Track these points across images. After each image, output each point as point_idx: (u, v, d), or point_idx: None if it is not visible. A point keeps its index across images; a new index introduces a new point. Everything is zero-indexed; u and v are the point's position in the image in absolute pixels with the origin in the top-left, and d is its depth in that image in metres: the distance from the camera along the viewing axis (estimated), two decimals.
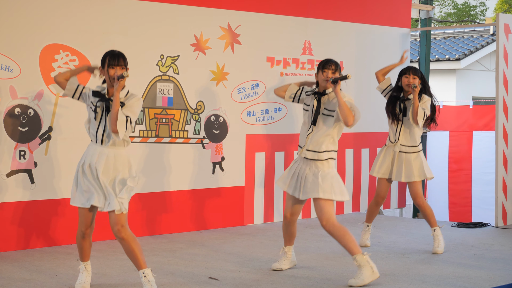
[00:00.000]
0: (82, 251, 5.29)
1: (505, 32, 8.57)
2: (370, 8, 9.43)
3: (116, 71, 5.01)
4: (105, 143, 5.05)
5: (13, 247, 6.62)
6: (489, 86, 17.46)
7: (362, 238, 7.17)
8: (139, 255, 5.02)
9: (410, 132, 6.87)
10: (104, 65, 5.07)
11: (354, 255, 5.52)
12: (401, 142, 6.89)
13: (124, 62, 5.06)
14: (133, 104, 5.04)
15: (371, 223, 7.19)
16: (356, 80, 9.20)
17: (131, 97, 5.07)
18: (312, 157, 5.67)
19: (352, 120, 5.50)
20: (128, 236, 5.00)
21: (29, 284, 5.40)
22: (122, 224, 4.99)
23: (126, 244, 5.01)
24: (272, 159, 8.45)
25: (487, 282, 5.69)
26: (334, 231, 5.55)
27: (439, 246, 6.85)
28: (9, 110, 6.55)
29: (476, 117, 10.68)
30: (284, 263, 6.02)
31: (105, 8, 7.12)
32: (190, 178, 7.81)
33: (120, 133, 4.95)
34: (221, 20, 7.98)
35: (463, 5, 33.28)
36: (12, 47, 6.56)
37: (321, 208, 5.58)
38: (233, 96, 8.13)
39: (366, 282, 5.47)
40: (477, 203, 10.53)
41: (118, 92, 4.95)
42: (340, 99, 5.49)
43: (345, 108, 5.48)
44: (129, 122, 4.98)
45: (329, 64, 5.70)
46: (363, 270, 5.48)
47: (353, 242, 5.53)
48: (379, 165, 6.99)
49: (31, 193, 6.70)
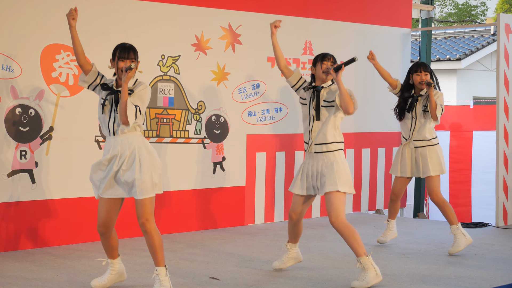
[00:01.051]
0: (104, 249, 5.29)
1: (506, 32, 8.57)
2: (371, 8, 9.43)
3: (126, 64, 5.04)
4: (116, 133, 5.06)
5: (14, 247, 6.62)
6: (489, 86, 17.48)
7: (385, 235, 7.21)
8: (158, 251, 5.03)
9: (424, 127, 6.88)
10: (114, 58, 5.10)
11: (359, 256, 5.46)
12: (415, 137, 6.90)
13: (134, 55, 5.09)
14: (141, 92, 5.06)
15: (393, 219, 7.19)
16: (357, 80, 9.21)
17: (139, 85, 5.09)
18: (321, 150, 5.62)
19: (352, 108, 5.47)
20: (152, 230, 5.02)
21: (29, 284, 5.41)
22: (147, 218, 5.00)
23: (149, 237, 5.03)
24: (273, 159, 8.45)
25: (488, 282, 5.69)
26: (343, 229, 5.47)
27: (454, 245, 6.75)
28: (10, 110, 6.56)
29: (476, 117, 10.69)
30: (285, 261, 5.99)
31: (105, 8, 7.13)
32: (191, 178, 7.81)
33: (131, 123, 4.97)
34: (222, 20, 7.98)
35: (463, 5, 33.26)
36: (13, 47, 6.56)
37: (332, 203, 5.50)
38: (234, 96, 8.13)
39: (370, 284, 5.41)
40: (477, 203, 10.54)
41: (126, 84, 4.97)
42: (341, 86, 5.44)
43: (346, 95, 5.45)
44: (138, 111, 5.00)
45: (328, 57, 5.67)
46: (368, 272, 5.42)
47: (360, 243, 5.46)
48: (401, 164, 7.00)
49: (32, 193, 6.70)
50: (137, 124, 5.09)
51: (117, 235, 5.31)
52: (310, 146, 5.69)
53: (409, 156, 6.97)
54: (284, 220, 8.56)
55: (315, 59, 5.73)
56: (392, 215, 7.20)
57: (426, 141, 6.90)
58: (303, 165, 5.79)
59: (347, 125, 9.10)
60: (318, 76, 5.70)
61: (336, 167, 5.57)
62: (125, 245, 6.77)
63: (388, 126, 9.59)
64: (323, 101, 5.64)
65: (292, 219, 5.86)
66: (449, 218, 6.83)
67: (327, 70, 5.60)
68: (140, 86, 5.09)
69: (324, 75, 5.65)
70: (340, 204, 5.50)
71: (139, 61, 5.14)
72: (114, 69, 5.14)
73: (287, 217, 8.60)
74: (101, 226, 5.15)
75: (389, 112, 7.11)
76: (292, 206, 5.84)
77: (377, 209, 9.59)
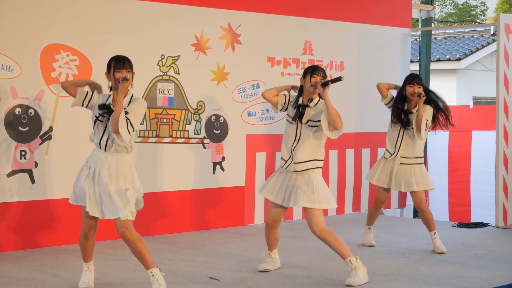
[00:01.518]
0: (85, 252, 5.30)
1: (506, 32, 8.57)
2: (371, 8, 9.43)
3: (122, 74, 5.02)
4: (108, 149, 5.05)
5: (13, 247, 6.62)
6: (489, 86, 17.46)
7: (366, 239, 7.17)
8: (146, 255, 5.03)
9: (412, 143, 6.83)
10: (110, 70, 5.08)
11: (346, 258, 5.56)
12: (401, 154, 6.85)
13: (129, 65, 5.07)
14: (135, 107, 5.04)
15: (372, 226, 7.19)
16: (356, 80, 9.21)
17: (134, 101, 5.08)
18: (301, 169, 5.64)
19: (340, 123, 5.48)
20: (134, 238, 5.00)
21: (30, 284, 5.40)
22: (126, 226, 4.98)
23: (133, 245, 5.01)
24: (273, 159, 8.45)
25: (488, 282, 5.69)
26: (327, 237, 5.57)
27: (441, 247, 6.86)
28: (10, 110, 6.55)
29: (476, 117, 10.68)
30: (270, 264, 6.02)
31: (105, 8, 7.13)
32: (191, 178, 7.81)
33: (123, 136, 4.93)
34: (222, 20, 7.98)
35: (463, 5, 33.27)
36: (13, 47, 6.56)
37: (313, 216, 5.58)
38: (233, 96, 8.13)
39: (363, 282, 5.52)
40: (476, 203, 10.53)
41: (122, 94, 4.96)
42: (328, 102, 5.46)
43: (333, 111, 5.45)
44: (129, 124, 4.97)
45: (319, 71, 5.66)
46: (359, 271, 5.54)
47: (344, 246, 5.59)
48: (378, 173, 6.97)
49: (32, 193, 6.70)
50: (130, 145, 5.09)
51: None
52: (289, 165, 5.68)
53: (389, 169, 6.91)
54: (284, 220, 8.56)
55: (306, 71, 5.72)
56: (371, 221, 7.15)
57: (413, 159, 6.86)
58: (279, 173, 5.78)
59: (347, 125, 9.09)
60: (306, 88, 5.70)
61: (316, 184, 5.62)
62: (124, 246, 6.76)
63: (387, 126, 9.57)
64: (309, 121, 5.65)
65: (268, 225, 5.89)
66: (429, 225, 6.91)
67: (316, 84, 5.60)
68: (136, 102, 5.07)
69: (312, 88, 5.64)
70: (320, 216, 5.60)
71: (134, 72, 5.12)
72: (111, 82, 5.10)
73: (286, 217, 8.60)
74: (86, 229, 5.17)
75: (389, 112, 7.09)
76: (268, 212, 5.88)
77: None
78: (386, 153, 6.95)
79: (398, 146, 6.86)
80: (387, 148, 6.93)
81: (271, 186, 5.79)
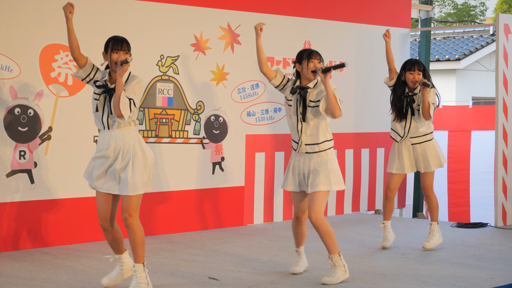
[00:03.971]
0: (110, 245, 5.27)
1: (505, 32, 8.58)
2: (370, 8, 9.43)
3: (120, 55, 5.03)
4: (111, 127, 5.05)
5: (13, 247, 6.62)
6: (489, 86, 17.47)
7: (383, 238, 7.11)
8: (138, 248, 5.02)
9: (420, 124, 6.87)
10: (107, 50, 5.09)
11: (331, 254, 5.56)
12: (412, 134, 6.89)
13: (127, 47, 5.09)
14: (135, 86, 5.05)
15: (387, 220, 7.11)
16: (356, 80, 9.21)
17: (132, 79, 5.08)
18: (313, 150, 5.58)
19: (339, 112, 5.40)
20: (133, 226, 5.01)
21: (29, 284, 5.40)
22: (130, 213, 4.99)
23: (131, 232, 5.03)
24: (272, 159, 8.45)
25: (487, 282, 5.69)
26: (320, 225, 5.52)
27: (429, 241, 6.92)
28: (9, 110, 6.55)
29: (475, 117, 10.69)
30: (301, 266, 5.94)
31: (105, 8, 7.13)
32: (190, 178, 7.81)
33: (125, 116, 4.95)
34: (221, 20, 7.98)
35: (463, 5, 33.27)
36: (12, 47, 6.56)
37: (315, 201, 5.50)
38: (233, 96, 8.13)
39: (340, 280, 5.54)
40: (476, 203, 10.54)
41: (121, 77, 4.97)
42: (329, 89, 5.36)
43: (333, 99, 5.37)
44: (132, 104, 4.98)
45: (315, 54, 5.56)
46: (337, 269, 5.55)
47: (334, 241, 5.56)
48: (398, 161, 6.97)
49: (31, 193, 6.70)
50: (132, 120, 5.09)
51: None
52: (300, 146, 5.63)
53: (407, 153, 6.95)
54: (283, 221, 8.56)
55: (300, 55, 5.61)
56: (388, 215, 7.13)
57: (422, 137, 6.90)
58: (292, 161, 5.72)
59: (347, 125, 9.12)
60: (305, 75, 5.59)
61: (330, 165, 5.57)
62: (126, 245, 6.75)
63: (387, 126, 9.54)
64: (311, 101, 5.55)
65: (298, 218, 5.81)
66: (432, 214, 6.98)
67: (317, 71, 5.50)
68: (133, 80, 5.07)
69: (312, 74, 5.55)
70: (322, 201, 5.53)
71: (131, 53, 5.13)
72: (107, 62, 5.12)
73: (286, 217, 8.60)
74: (102, 220, 5.15)
75: (389, 112, 7.09)
76: (294, 205, 5.81)
77: (376, 209, 9.58)
78: (397, 136, 6.96)
79: (408, 128, 6.88)
80: (397, 131, 6.94)
81: (291, 180, 5.71)
